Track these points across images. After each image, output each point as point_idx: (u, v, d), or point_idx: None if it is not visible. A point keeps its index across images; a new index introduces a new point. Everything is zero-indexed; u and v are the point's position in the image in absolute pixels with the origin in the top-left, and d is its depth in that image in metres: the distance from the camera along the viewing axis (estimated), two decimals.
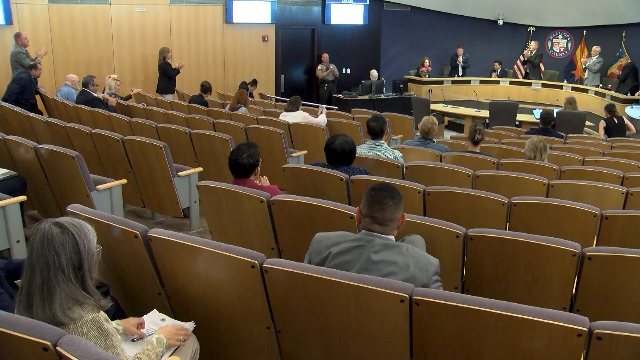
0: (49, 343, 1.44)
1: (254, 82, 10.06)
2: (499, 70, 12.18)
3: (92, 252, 1.71)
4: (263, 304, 2.07)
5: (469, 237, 2.46)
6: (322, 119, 6.71)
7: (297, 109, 6.53)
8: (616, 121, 7.78)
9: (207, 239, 2.20)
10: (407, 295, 1.77)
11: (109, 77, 7.96)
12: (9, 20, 8.54)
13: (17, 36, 7.56)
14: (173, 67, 8.65)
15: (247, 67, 10.92)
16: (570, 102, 7.92)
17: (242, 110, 7.02)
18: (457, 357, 1.81)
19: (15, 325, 1.51)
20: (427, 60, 11.91)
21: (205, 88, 7.97)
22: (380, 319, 1.86)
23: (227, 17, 10.64)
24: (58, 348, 1.42)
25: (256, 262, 1.99)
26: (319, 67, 11.30)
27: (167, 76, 8.61)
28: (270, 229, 2.95)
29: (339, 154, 3.46)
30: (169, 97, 8.55)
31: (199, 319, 2.25)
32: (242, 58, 10.98)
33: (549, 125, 6.54)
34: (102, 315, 1.70)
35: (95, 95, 7.07)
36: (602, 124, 7.91)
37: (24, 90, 7.05)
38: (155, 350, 1.88)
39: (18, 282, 2.30)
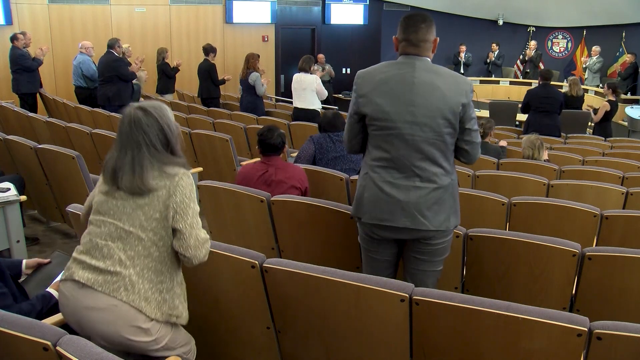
0: (49, 343, 1.44)
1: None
2: (496, 52, 12.18)
3: (174, 128, 1.92)
4: (263, 304, 2.07)
5: (469, 237, 2.47)
6: (325, 92, 6.74)
7: (309, 69, 6.50)
8: (616, 107, 7.34)
9: None
10: (407, 295, 1.77)
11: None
12: (9, 20, 8.53)
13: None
14: (171, 66, 8.65)
15: None
16: (575, 83, 7.69)
17: (254, 77, 6.93)
18: (457, 357, 1.81)
19: (15, 325, 1.51)
20: None
21: (207, 50, 7.94)
22: (380, 318, 1.86)
23: (227, 17, 10.63)
24: (58, 348, 1.42)
25: (256, 262, 1.99)
26: (314, 67, 11.30)
27: (167, 76, 8.61)
28: (270, 229, 2.95)
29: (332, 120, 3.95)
30: (168, 97, 8.55)
31: (199, 319, 2.25)
32: (242, 58, 10.86)
33: (548, 80, 6.56)
34: (190, 173, 1.91)
35: (120, 56, 7.09)
36: (606, 106, 7.27)
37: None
38: None
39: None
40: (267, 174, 3.25)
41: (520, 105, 8.90)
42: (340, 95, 10.95)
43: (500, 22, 12.93)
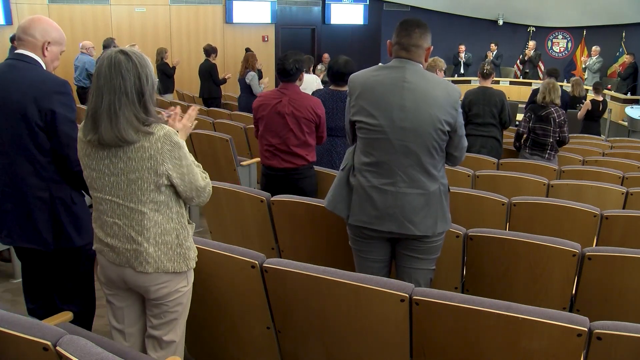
0: (49, 343, 1.43)
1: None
2: (494, 52, 12.21)
3: (152, 80, 1.83)
4: (263, 304, 2.07)
5: (469, 237, 2.46)
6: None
7: (309, 70, 6.42)
8: (601, 107, 7.24)
9: (207, 239, 2.20)
10: (407, 295, 1.77)
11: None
12: (9, 20, 8.53)
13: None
14: (171, 66, 8.66)
15: None
16: (578, 83, 7.73)
17: (250, 76, 6.91)
18: (457, 357, 1.81)
19: (15, 325, 1.50)
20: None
21: (208, 51, 7.99)
22: (380, 318, 1.86)
23: (227, 17, 10.63)
24: (58, 348, 1.42)
25: (256, 262, 1.99)
26: (318, 67, 11.32)
27: (167, 75, 8.61)
28: (270, 229, 2.95)
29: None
30: (168, 97, 8.55)
31: (199, 319, 2.25)
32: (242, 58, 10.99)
33: (555, 79, 6.58)
34: (171, 130, 1.84)
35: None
36: (588, 105, 7.20)
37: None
38: None
39: None
40: (280, 104, 3.27)
41: (523, 105, 8.97)
42: None
43: (500, 22, 12.94)
